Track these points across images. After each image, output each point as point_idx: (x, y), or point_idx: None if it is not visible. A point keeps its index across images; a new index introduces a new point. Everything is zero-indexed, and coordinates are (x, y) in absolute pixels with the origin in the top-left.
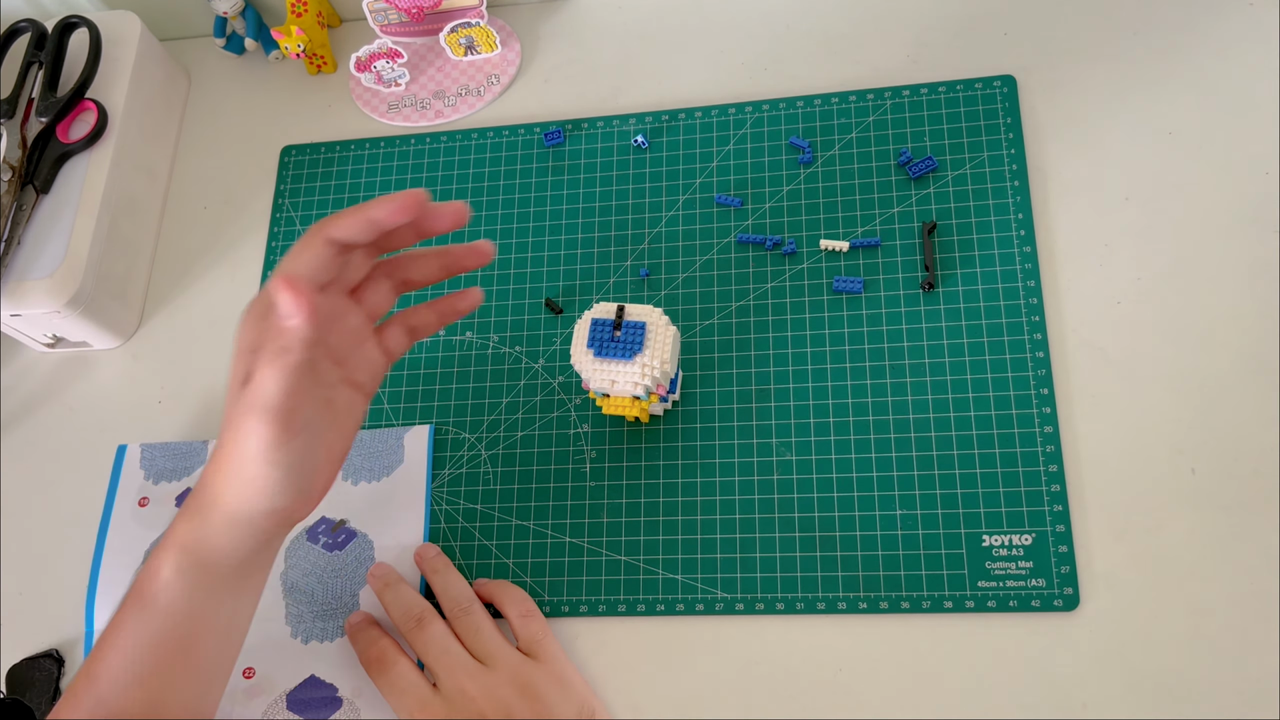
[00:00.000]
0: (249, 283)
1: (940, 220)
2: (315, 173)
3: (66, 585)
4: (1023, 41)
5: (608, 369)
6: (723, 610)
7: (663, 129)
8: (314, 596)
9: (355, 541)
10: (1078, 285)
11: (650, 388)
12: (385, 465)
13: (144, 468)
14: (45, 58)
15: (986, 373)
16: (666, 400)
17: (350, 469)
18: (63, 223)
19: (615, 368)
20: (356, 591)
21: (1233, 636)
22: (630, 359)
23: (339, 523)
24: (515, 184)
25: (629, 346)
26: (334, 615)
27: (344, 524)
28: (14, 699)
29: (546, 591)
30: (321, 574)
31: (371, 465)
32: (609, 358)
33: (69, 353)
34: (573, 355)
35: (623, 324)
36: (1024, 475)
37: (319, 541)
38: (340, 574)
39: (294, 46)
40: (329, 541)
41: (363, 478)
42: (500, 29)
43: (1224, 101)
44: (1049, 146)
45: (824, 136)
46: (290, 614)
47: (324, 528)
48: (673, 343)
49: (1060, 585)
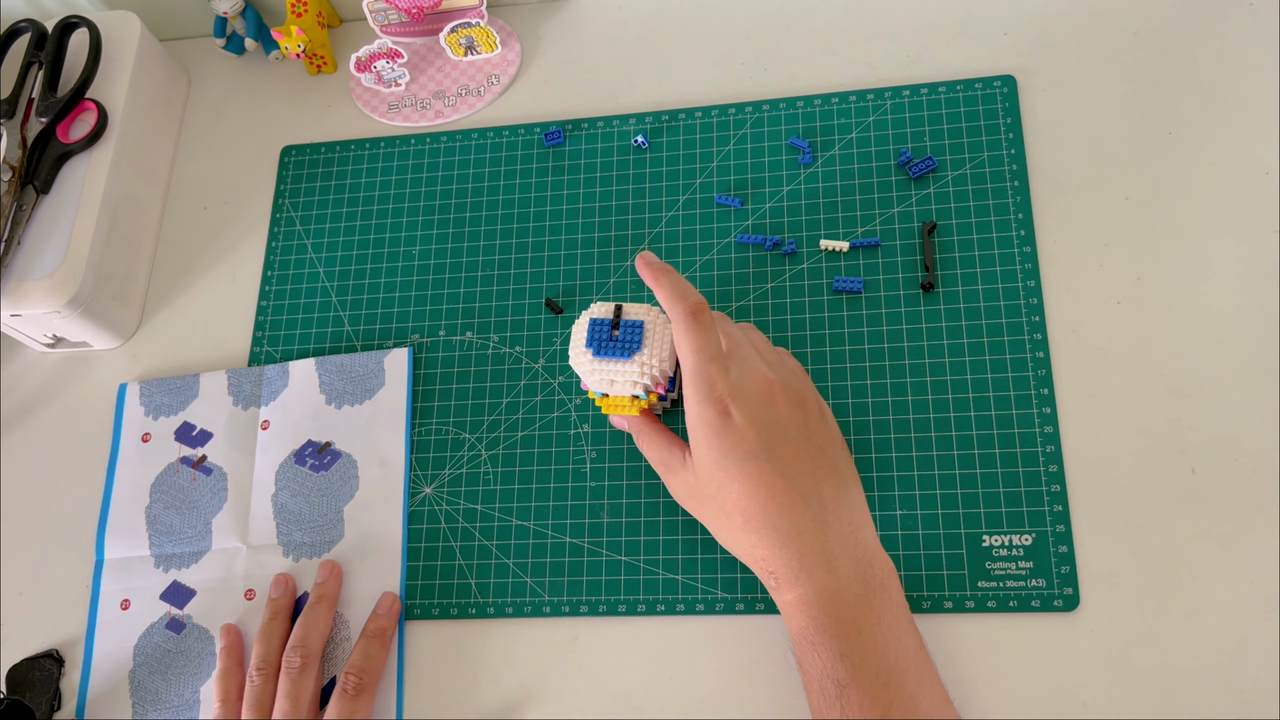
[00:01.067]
0: (249, 283)
1: (940, 220)
2: (315, 173)
3: (66, 585)
4: (1023, 41)
5: (606, 368)
6: (723, 610)
7: (663, 129)
8: (302, 515)
9: (340, 462)
10: (1078, 285)
11: (650, 386)
12: (367, 388)
13: (143, 404)
14: (45, 58)
15: (986, 373)
16: (665, 399)
17: (334, 393)
18: (63, 223)
19: (614, 367)
20: (342, 509)
21: (1233, 636)
22: (629, 358)
23: (324, 445)
24: (515, 184)
25: (627, 346)
26: (321, 530)
27: (329, 445)
28: (14, 699)
29: (547, 592)
30: (309, 494)
31: (354, 389)
32: (607, 357)
33: (69, 353)
34: (571, 356)
35: (621, 323)
36: (1024, 475)
37: (306, 463)
38: (326, 493)
39: (294, 46)
40: (315, 463)
41: (345, 401)
42: (500, 29)
43: (1224, 101)
44: (1049, 146)
45: (824, 136)
46: (281, 534)
47: (310, 450)
48: (671, 341)
49: (1060, 585)
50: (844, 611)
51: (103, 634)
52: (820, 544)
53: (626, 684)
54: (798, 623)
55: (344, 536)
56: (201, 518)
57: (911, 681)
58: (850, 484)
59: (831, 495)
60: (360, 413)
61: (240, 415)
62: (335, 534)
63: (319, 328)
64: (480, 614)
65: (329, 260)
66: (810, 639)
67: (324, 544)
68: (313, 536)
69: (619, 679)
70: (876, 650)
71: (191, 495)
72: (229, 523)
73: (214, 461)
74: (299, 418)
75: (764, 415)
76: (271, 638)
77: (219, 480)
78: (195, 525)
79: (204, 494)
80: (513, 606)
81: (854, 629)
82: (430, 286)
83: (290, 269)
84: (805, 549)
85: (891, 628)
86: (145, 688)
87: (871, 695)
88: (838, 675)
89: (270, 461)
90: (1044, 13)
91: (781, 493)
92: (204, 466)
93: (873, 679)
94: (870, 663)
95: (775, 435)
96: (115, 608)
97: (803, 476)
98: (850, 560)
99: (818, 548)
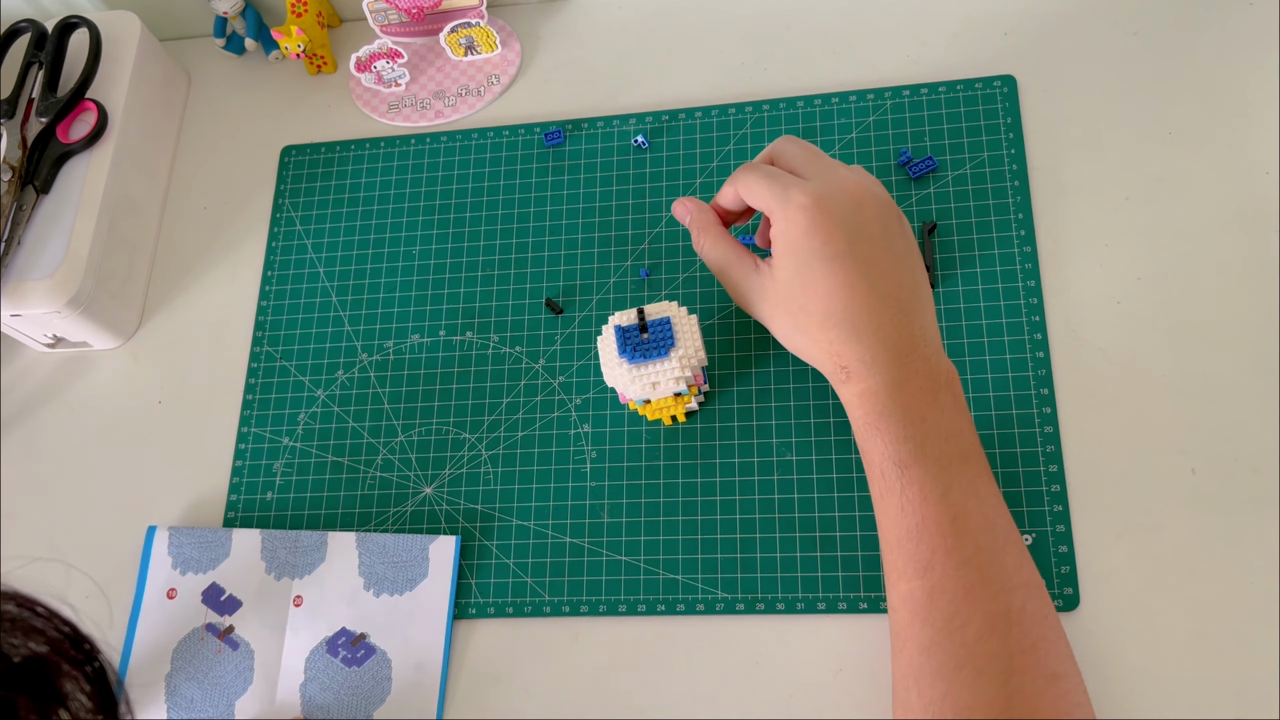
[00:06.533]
0: (249, 283)
1: (940, 220)
2: (315, 173)
3: (67, 586)
4: (1023, 41)
5: (648, 372)
6: (723, 610)
7: (663, 129)
8: (329, 712)
9: (374, 659)
10: (1078, 285)
11: (690, 379)
12: (409, 578)
13: (171, 554)
14: (45, 58)
15: (987, 373)
16: (700, 394)
17: (373, 578)
18: (63, 223)
19: (655, 368)
20: (371, 713)
21: (1233, 636)
22: (667, 355)
23: (359, 636)
24: (515, 184)
25: (662, 343)
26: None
27: (364, 638)
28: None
29: (547, 592)
30: (339, 690)
31: (395, 576)
32: (646, 360)
33: (69, 353)
34: (605, 372)
35: (648, 324)
36: (1024, 475)
37: (338, 655)
38: (357, 692)
39: (294, 46)
40: (348, 655)
41: (385, 589)
42: (500, 29)
43: (1224, 101)
44: (1049, 146)
45: (824, 136)
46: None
47: (344, 640)
48: (698, 328)
49: (1060, 585)
50: (909, 399)
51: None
52: (894, 341)
53: (626, 684)
54: (863, 409)
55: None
56: (225, 699)
57: (971, 469)
58: (923, 293)
59: (908, 300)
60: (399, 605)
61: (272, 585)
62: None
63: (319, 328)
64: (480, 614)
65: (329, 260)
66: (874, 424)
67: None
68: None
69: (619, 679)
70: (939, 435)
71: (216, 671)
72: (253, 706)
73: (241, 635)
74: (334, 601)
75: (851, 218)
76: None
77: (246, 658)
78: (218, 705)
79: (229, 672)
80: (513, 606)
81: (917, 415)
82: (430, 286)
83: (290, 269)
84: (879, 345)
85: (955, 420)
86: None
87: (932, 476)
88: (900, 456)
89: (301, 647)
90: (1044, 13)
91: (864, 292)
92: (230, 639)
93: (934, 461)
94: (932, 446)
95: (860, 237)
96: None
97: (883, 280)
98: (919, 359)
99: (890, 344)
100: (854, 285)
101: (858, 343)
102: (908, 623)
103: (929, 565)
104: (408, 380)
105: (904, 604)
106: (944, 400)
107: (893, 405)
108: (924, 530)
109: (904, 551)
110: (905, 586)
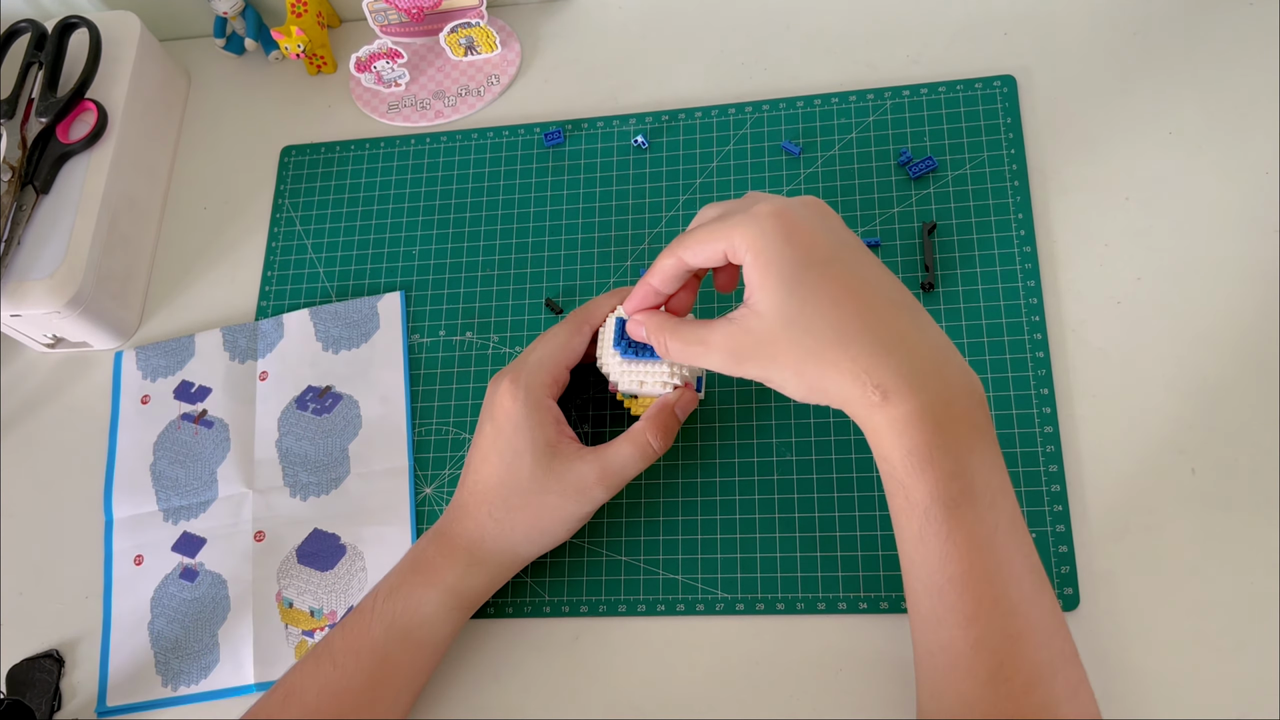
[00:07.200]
0: (249, 283)
1: (940, 220)
2: (315, 173)
3: (66, 585)
4: (1023, 41)
5: (636, 369)
6: (723, 610)
7: (663, 129)
8: (307, 457)
9: (342, 403)
10: (1078, 285)
11: (679, 386)
12: (363, 332)
13: (140, 368)
14: (45, 58)
15: (987, 373)
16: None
17: (330, 339)
18: (63, 223)
19: (644, 368)
20: (346, 446)
21: (1233, 636)
22: (659, 358)
23: (325, 389)
24: (515, 184)
25: None
26: (327, 469)
27: (330, 389)
28: (14, 699)
29: (547, 592)
30: (313, 436)
31: (350, 333)
32: (638, 358)
33: (69, 353)
34: (599, 357)
35: None
36: (1024, 475)
37: (308, 408)
38: (330, 434)
39: (294, 46)
40: (317, 407)
41: (343, 346)
42: (500, 29)
43: (1224, 101)
44: (1049, 146)
45: (824, 136)
46: (287, 477)
47: (311, 395)
48: None
49: (1060, 585)
50: (960, 426)
51: (119, 591)
52: (926, 349)
53: (626, 684)
54: (908, 439)
55: (350, 472)
56: (206, 468)
57: (1009, 502)
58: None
59: (914, 305)
60: (358, 356)
61: (238, 369)
62: (341, 471)
63: None
64: (480, 614)
65: (329, 260)
66: (924, 457)
67: (330, 481)
68: (319, 475)
69: (619, 679)
70: (986, 467)
71: (195, 448)
72: (234, 471)
73: (215, 414)
74: (297, 366)
75: (821, 223)
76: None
77: (221, 432)
78: (200, 476)
79: (207, 446)
80: (513, 606)
81: (966, 444)
82: (430, 286)
83: (290, 269)
84: (912, 353)
85: (994, 444)
86: (165, 637)
87: (980, 518)
88: (950, 496)
89: (271, 409)
90: (1044, 13)
91: (871, 296)
92: (205, 420)
93: (982, 499)
94: (980, 480)
95: (842, 241)
96: (129, 564)
97: (884, 281)
98: (956, 368)
99: (924, 352)
100: (858, 290)
101: (888, 354)
102: (946, 673)
103: (974, 616)
104: (408, 380)
105: (943, 652)
106: (983, 421)
107: (940, 435)
108: (970, 578)
109: (945, 601)
110: (945, 635)
